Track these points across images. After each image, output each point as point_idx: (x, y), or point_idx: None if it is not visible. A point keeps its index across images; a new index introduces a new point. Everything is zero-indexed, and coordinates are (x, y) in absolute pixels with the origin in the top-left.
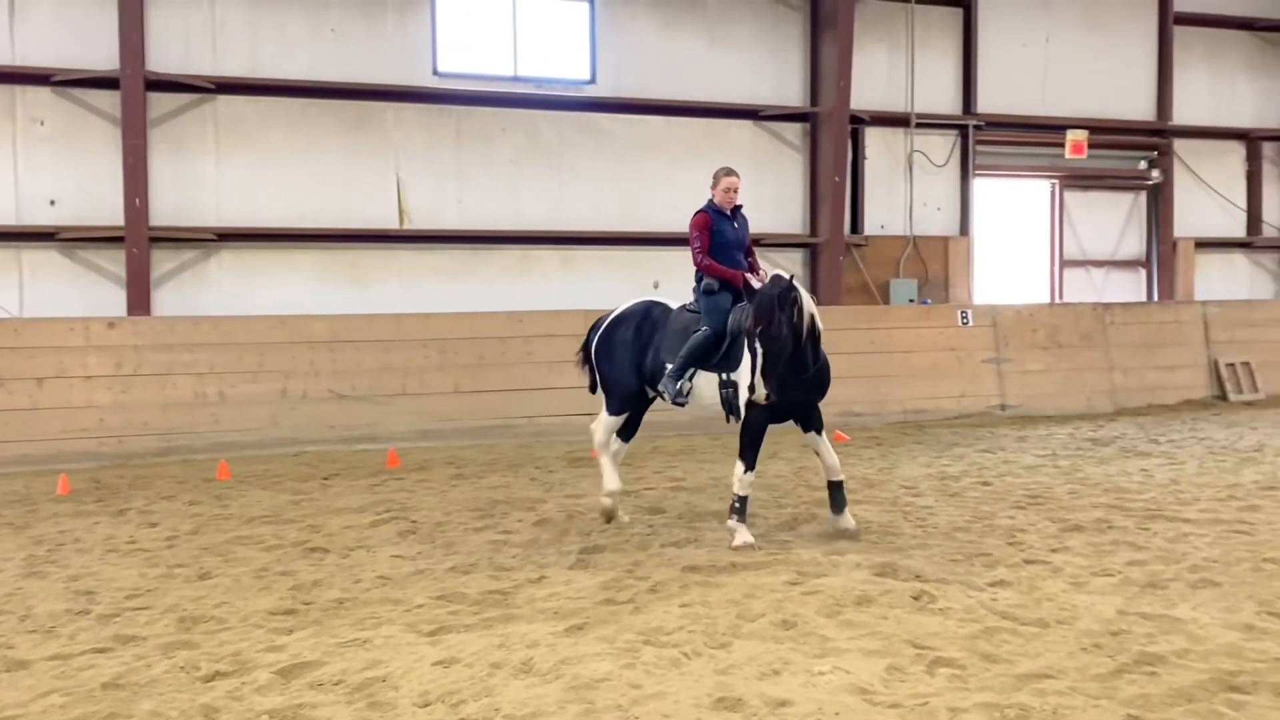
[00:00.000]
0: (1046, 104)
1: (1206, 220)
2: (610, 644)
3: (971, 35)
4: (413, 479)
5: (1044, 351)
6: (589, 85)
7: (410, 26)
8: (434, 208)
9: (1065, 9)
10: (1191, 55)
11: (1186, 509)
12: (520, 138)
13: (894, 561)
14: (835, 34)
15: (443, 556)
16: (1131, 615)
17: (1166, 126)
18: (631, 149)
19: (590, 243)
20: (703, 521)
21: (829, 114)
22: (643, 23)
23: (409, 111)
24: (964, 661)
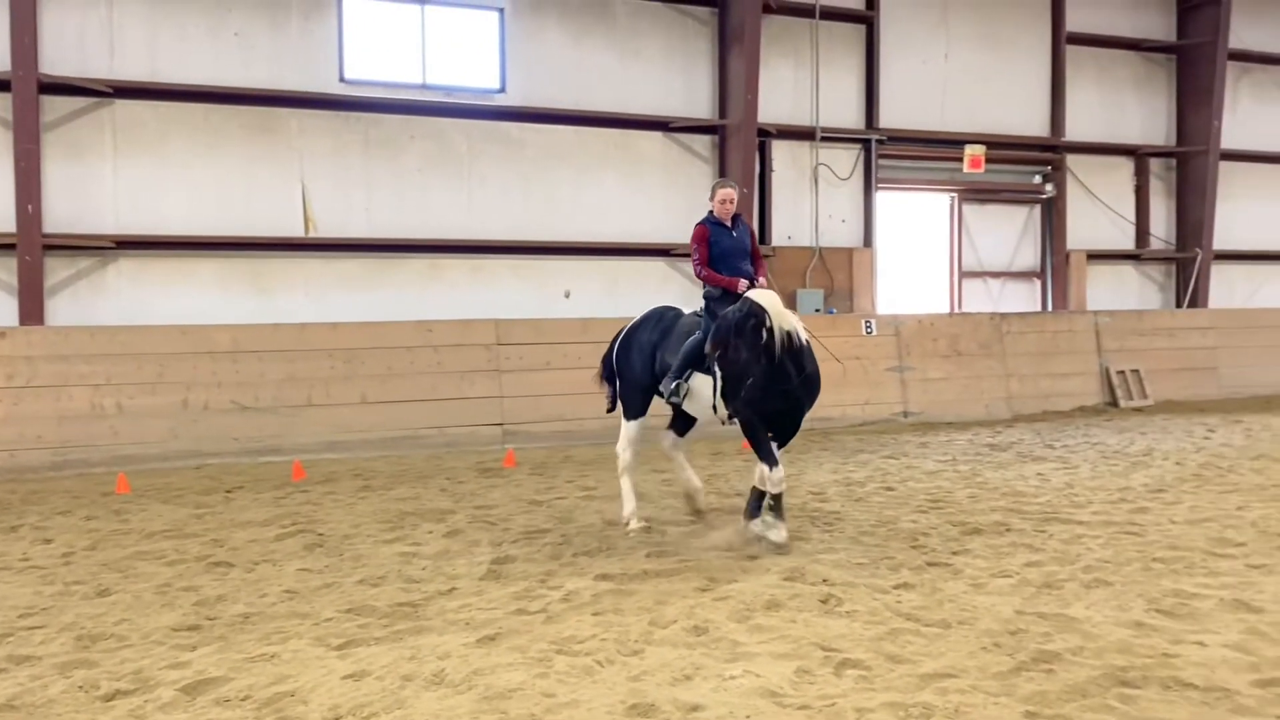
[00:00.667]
0: (946, 119)
1: (1097, 233)
2: (523, 654)
3: (874, 51)
4: (319, 491)
5: (944, 360)
6: (499, 94)
7: (316, 32)
8: (341, 216)
9: (963, 28)
10: (1083, 74)
11: (1080, 511)
12: (429, 146)
13: (802, 566)
14: (742, 48)
15: (351, 569)
16: (1029, 615)
17: (1059, 142)
18: (542, 158)
19: (500, 252)
20: (615, 530)
21: (737, 127)
22: (553, 33)
23: (314, 118)
24: (870, 662)
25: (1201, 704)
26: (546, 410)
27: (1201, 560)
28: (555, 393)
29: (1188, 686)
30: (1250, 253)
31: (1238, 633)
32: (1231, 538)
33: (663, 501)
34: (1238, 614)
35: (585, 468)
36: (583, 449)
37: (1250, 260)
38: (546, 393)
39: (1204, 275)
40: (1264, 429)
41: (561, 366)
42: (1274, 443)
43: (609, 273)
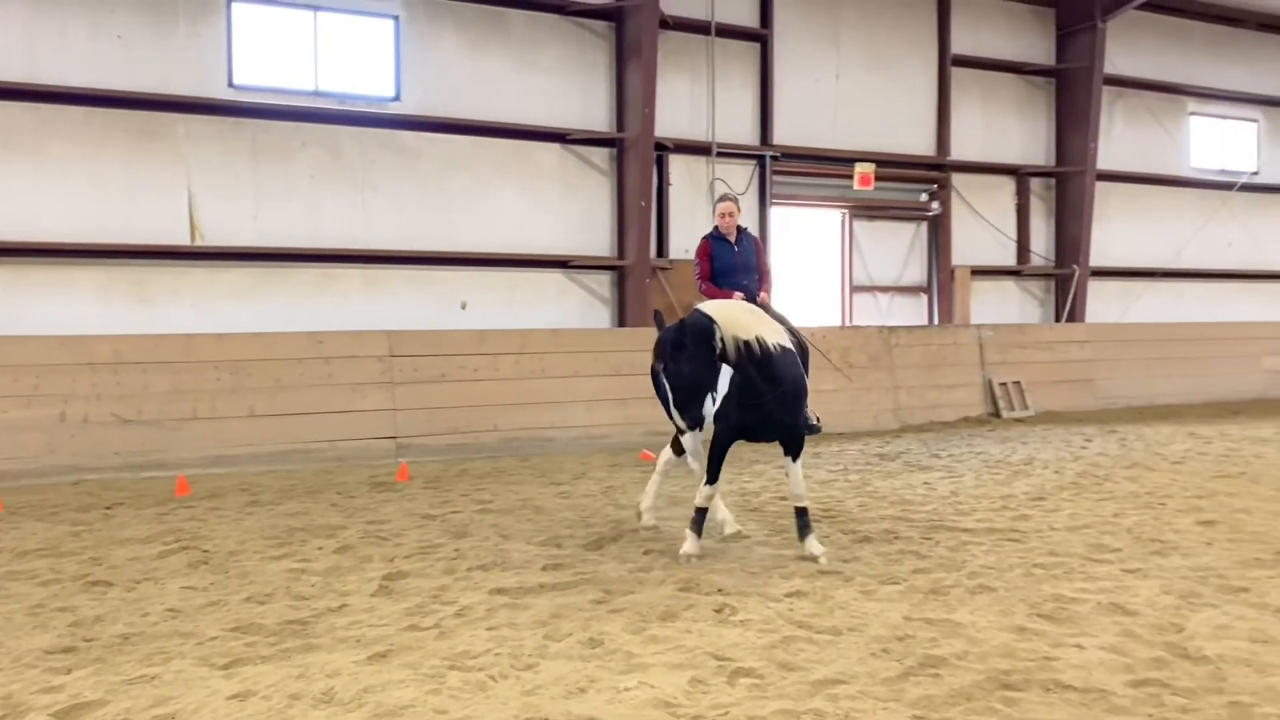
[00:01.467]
0: (837, 137)
1: (981, 250)
2: (415, 670)
3: (768, 69)
4: (204, 507)
5: (835, 372)
6: (394, 102)
7: (204, 36)
8: (229, 224)
9: (854, 49)
10: (967, 95)
11: (965, 519)
12: (321, 153)
13: (697, 576)
14: (639, 63)
15: (237, 587)
16: (916, 621)
17: (945, 161)
18: (438, 168)
19: (395, 262)
20: (510, 543)
21: (635, 140)
22: (449, 42)
23: (202, 124)
24: (763, 671)
25: (1080, 705)
26: (442, 423)
27: (1080, 565)
28: (451, 405)
29: (1067, 688)
30: (1124, 269)
31: (1113, 635)
32: (1108, 543)
33: (559, 515)
34: (1114, 617)
35: (481, 481)
36: (479, 462)
37: (1124, 277)
38: (442, 405)
39: (1081, 291)
40: (1138, 438)
41: (458, 379)
42: (1147, 452)
43: (506, 284)
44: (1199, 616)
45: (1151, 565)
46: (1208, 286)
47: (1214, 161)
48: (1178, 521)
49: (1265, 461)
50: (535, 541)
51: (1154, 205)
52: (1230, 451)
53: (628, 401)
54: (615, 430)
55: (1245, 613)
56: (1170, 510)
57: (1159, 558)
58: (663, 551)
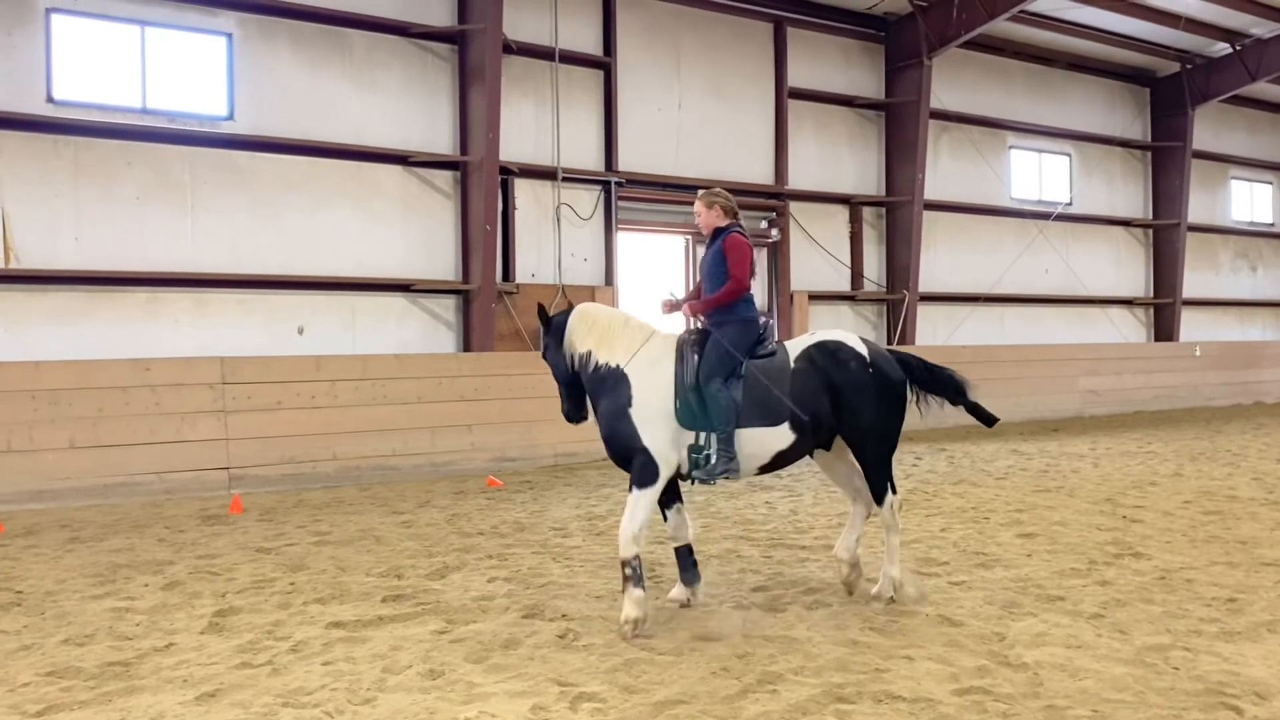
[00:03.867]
0: (680, 165)
1: (818, 275)
2: (246, 710)
3: (612, 97)
4: (19, 545)
5: None
6: (226, 121)
7: (20, 48)
8: (47, 245)
9: (695, 79)
10: (803, 126)
11: (803, 536)
12: (148, 173)
13: (542, 602)
14: (483, 86)
15: (54, 629)
16: (756, 638)
17: (783, 190)
18: (273, 189)
19: (226, 285)
20: (349, 575)
21: (479, 163)
22: (285, 61)
23: (17, 140)
24: (605, 695)
25: (909, 715)
26: (277, 452)
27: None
28: (287, 434)
29: (897, 699)
30: (950, 294)
31: (941, 645)
32: (936, 557)
33: (400, 545)
34: (941, 628)
35: (319, 512)
36: (317, 492)
37: (950, 301)
38: (277, 434)
39: (911, 315)
40: (964, 456)
41: (294, 406)
42: (973, 469)
43: (346, 308)
44: (1019, 625)
45: (976, 577)
46: (1027, 310)
47: (1032, 192)
48: (1000, 535)
49: (1081, 476)
50: (375, 573)
51: (977, 233)
52: (1049, 467)
53: (473, 428)
54: (460, 457)
55: (1061, 620)
56: (994, 524)
57: (983, 570)
58: (507, 579)
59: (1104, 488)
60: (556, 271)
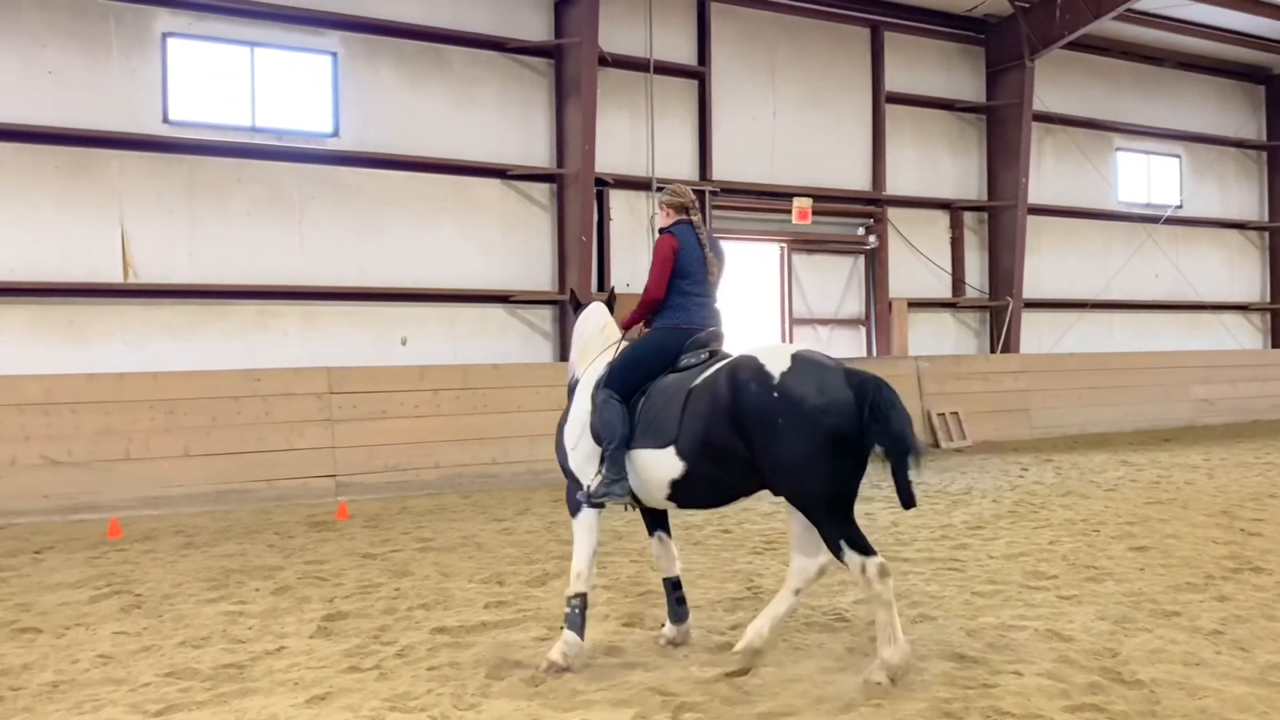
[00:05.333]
0: (775, 173)
1: (917, 282)
2: (355, 713)
3: (706, 106)
4: (137, 550)
5: None
6: (332, 138)
7: (138, 71)
8: (163, 261)
9: (789, 86)
10: (901, 131)
11: (905, 549)
12: (258, 190)
13: (641, 611)
14: (579, 99)
15: (171, 631)
16: (858, 652)
17: (881, 196)
18: (376, 204)
19: (333, 298)
20: (452, 581)
21: (575, 176)
22: (387, 79)
23: (136, 160)
24: (706, 705)
25: None
26: (382, 460)
27: (1017, 593)
28: (391, 442)
29: (1006, 715)
30: (1055, 301)
31: (1050, 661)
32: (1045, 570)
33: (501, 552)
34: (1050, 643)
35: (422, 518)
36: (420, 499)
37: (1056, 308)
38: (382, 442)
39: (1015, 322)
40: (1072, 467)
41: (398, 415)
42: (1081, 480)
43: (447, 319)
44: (1133, 641)
45: (1086, 591)
46: (1136, 317)
47: (1140, 195)
48: (1111, 548)
49: (1195, 488)
50: (477, 579)
51: (1084, 238)
52: (1161, 478)
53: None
54: (548, 465)
55: (1178, 636)
56: (1104, 537)
57: (1094, 584)
58: (606, 587)
59: (1219, 500)
60: None
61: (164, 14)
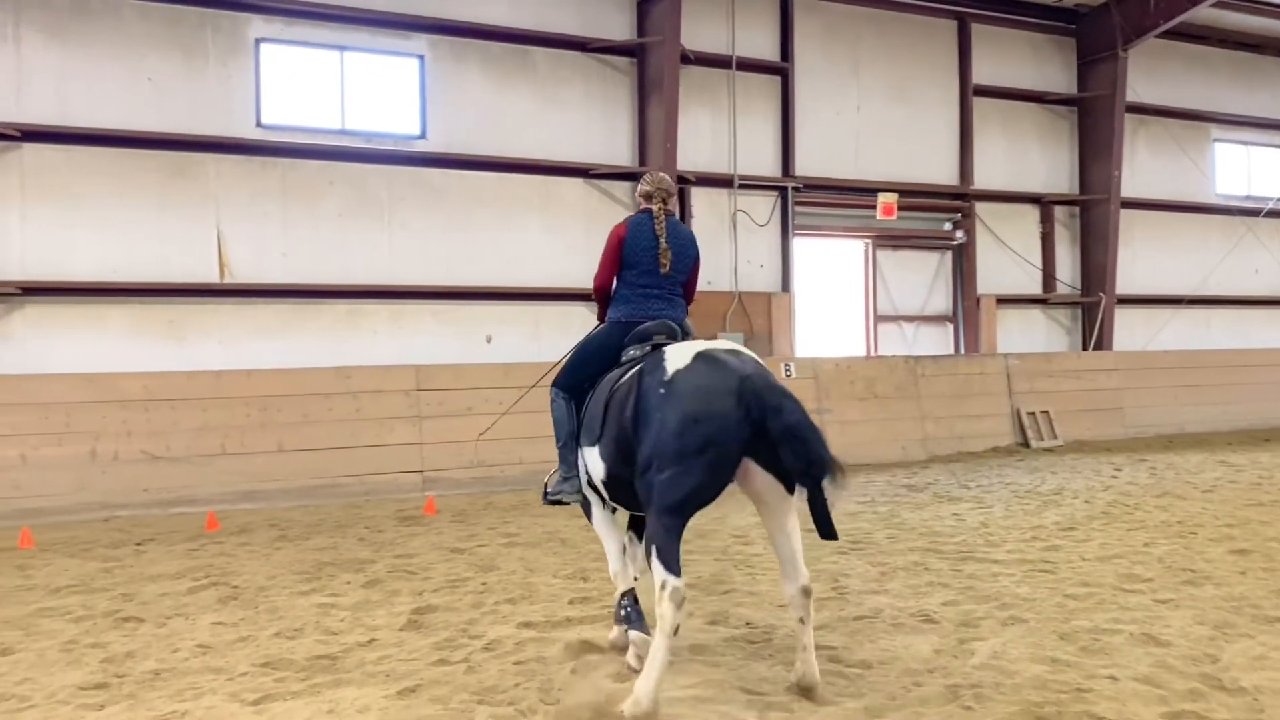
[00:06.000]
0: (860, 168)
1: (1006, 278)
2: (444, 705)
3: (789, 102)
4: (233, 542)
5: (862, 402)
6: (419, 140)
7: (233, 77)
8: (258, 261)
9: (874, 80)
10: (989, 124)
11: (995, 550)
12: (348, 191)
13: (725, 610)
14: (661, 97)
15: (267, 622)
16: (946, 654)
17: (968, 191)
18: (463, 204)
19: (421, 297)
20: (537, 577)
21: None
22: (474, 80)
23: (231, 163)
24: (793, 705)
25: None
26: (468, 456)
27: (1112, 596)
28: (476, 438)
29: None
30: (1150, 297)
31: (1147, 666)
32: (1139, 573)
33: (585, 548)
34: (1146, 648)
35: (507, 514)
36: (505, 495)
37: (1150, 304)
38: (468, 438)
39: (1108, 319)
40: (1168, 467)
41: (483, 412)
42: (1178, 480)
43: (531, 318)
44: (1234, 647)
45: (1184, 595)
46: (1235, 313)
47: (1239, 187)
48: (1210, 550)
49: None
50: (562, 575)
51: (1180, 232)
52: (1262, 479)
53: None
54: None
55: None
56: (1202, 539)
57: (1191, 587)
58: (689, 585)
59: None
60: (733, 279)
61: (257, 20)
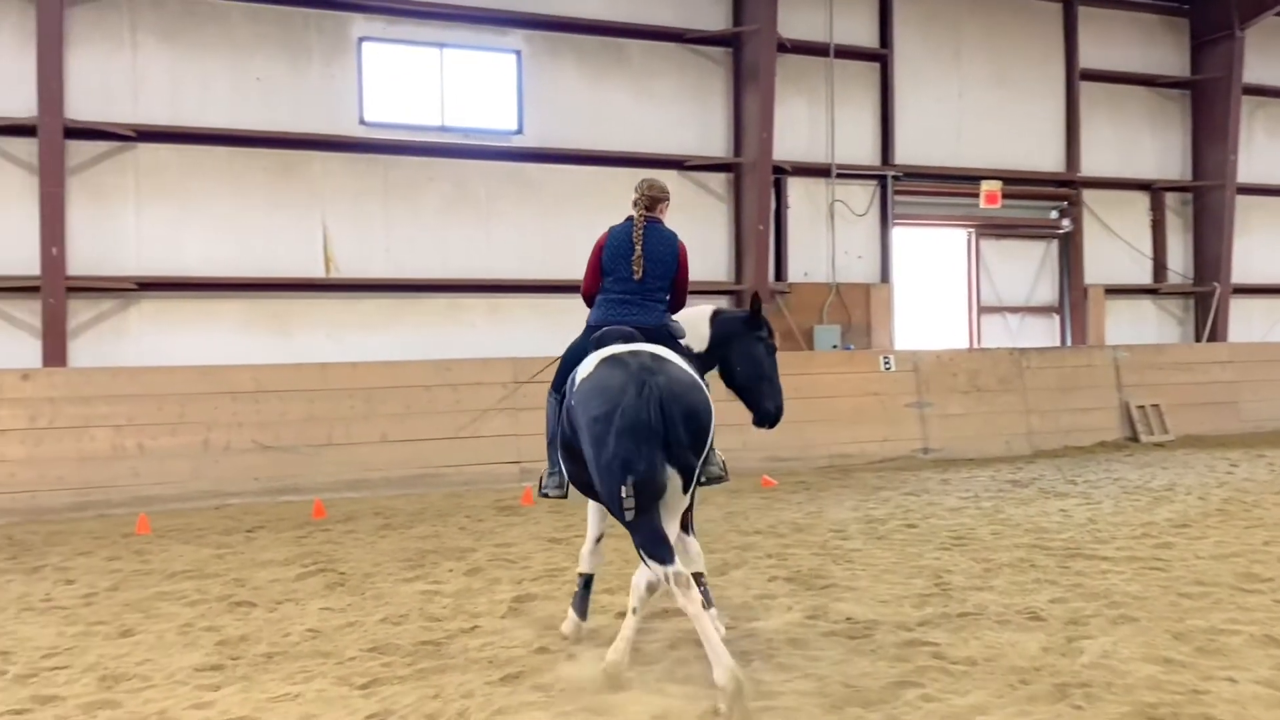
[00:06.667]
0: (961, 156)
1: (1115, 267)
2: (546, 693)
3: (889, 89)
4: (340, 530)
5: (964, 395)
6: (516, 135)
7: (336, 76)
8: (361, 256)
9: (977, 65)
10: (1097, 109)
11: (1104, 547)
12: (448, 187)
13: (825, 605)
14: (757, 87)
15: (373, 608)
16: (1054, 652)
17: (1075, 178)
18: (558, 198)
19: (518, 290)
20: (633, 568)
21: (752, 164)
22: (569, 75)
23: (335, 160)
24: (895, 702)
25: None
26: None
27: (1229, 596)
28: None
29: None
30: (1268, 286)
31: (1268, 669)
32: (1259, 573)
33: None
34: (1268, 650)
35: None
36: None
37: (1269, 294)
38: None
39: (1223, 309)
40: None
41: None
42: None
43: None
44: None
45: None
46: None
47: None
48: None
49: None
50: None
51: None
52: None
53: (745, 427)
54: (732, 456)
55: None
56: None
57: None
58: (788, 579)
59: None
60: (830, 270)
61: (360, 20)
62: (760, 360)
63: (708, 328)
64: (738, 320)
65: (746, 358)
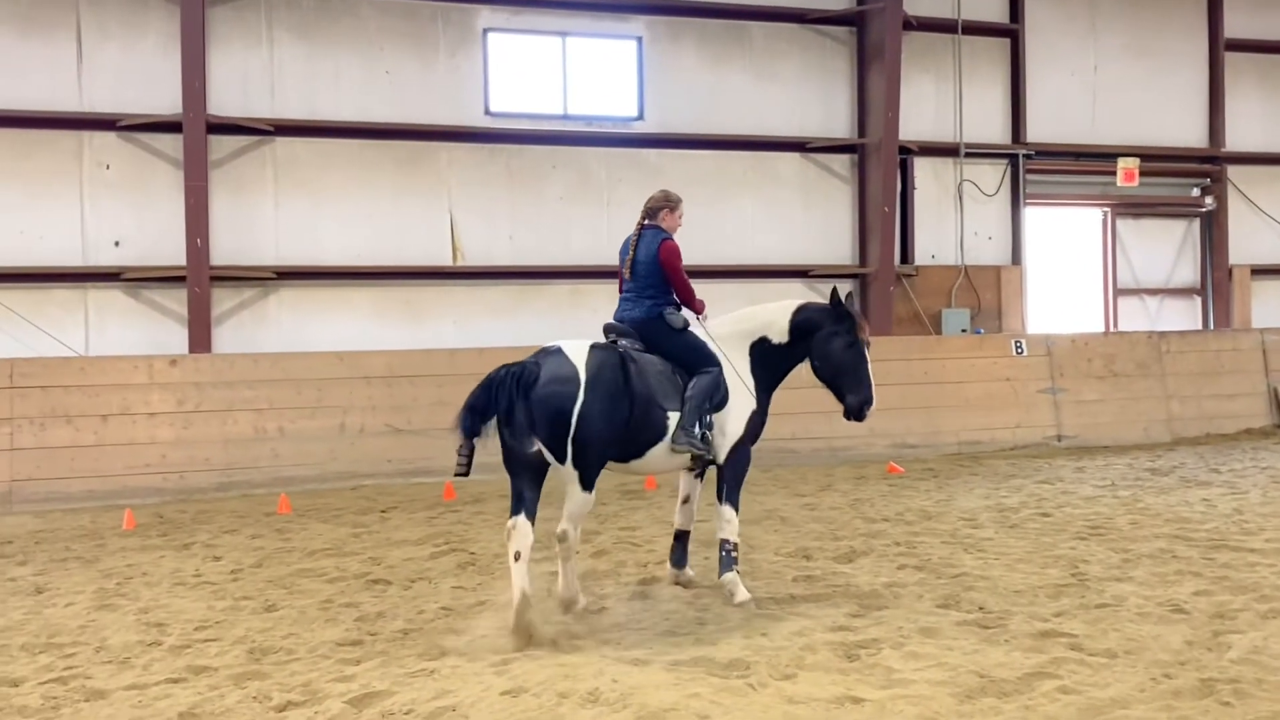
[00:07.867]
0: (1096, 132)
1: (1262, 247)
2: (674, 674)
3: (1019, 64)
4: (469, 511)
5: (1100, 381)
6: (637, 121)
7: (462, 68)
8: (486, 244)
9: (1113, 37)
10: (1243, 81)
11: (1252, 539)
12: (570, 174)
13: (956, 593)
14: (882, 65)
15: (503, 588)
16: (1200, 646)
17: (1219, 153)
18: (679, 183)
19: None
20: (759, 554)
21: (877, 145)
22: (690, 59)
23: (461, 150)
24: (1030, 692)
25: None
26: None
27: None
28: None
29: None
30: None
31: None
32: None
33: (806, 527)
34: None
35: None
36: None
37: None
38: None
39: None
40: None
41: None
42: None
43: (747, 294)
44: None
45: None
46: None
47: None
48: None
49: None
50: (783, 553)
51: None
52: None
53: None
54: (858, 442)
55: None
56: None
57: None
58: (917, 567)
59: None
60: (958, 252)
61: (485, 11)
62: (837, 355)
63: (788, 321)
64: (819, 314)
65: (825, 352)
